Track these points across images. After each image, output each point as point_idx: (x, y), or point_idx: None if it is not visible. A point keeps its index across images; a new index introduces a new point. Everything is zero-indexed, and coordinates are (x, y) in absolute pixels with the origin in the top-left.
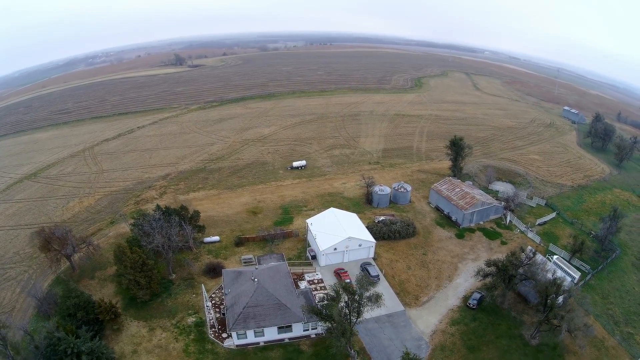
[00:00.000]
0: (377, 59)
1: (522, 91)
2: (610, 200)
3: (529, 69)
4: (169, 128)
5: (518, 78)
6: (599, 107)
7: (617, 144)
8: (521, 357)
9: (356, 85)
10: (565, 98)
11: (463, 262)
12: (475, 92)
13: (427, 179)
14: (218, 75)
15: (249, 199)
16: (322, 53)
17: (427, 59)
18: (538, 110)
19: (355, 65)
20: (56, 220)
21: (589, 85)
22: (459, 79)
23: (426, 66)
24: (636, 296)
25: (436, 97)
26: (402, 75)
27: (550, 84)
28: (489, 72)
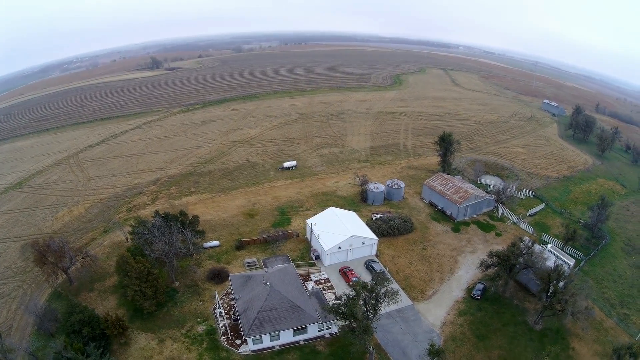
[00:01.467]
0: (354, 58)
1: (500, 85)
2: (596, 190)
3: (505, 63)
4: (154, 132)
5: (495, 72)
6: (577, 99)
7: (599, 135)
8: (528, 342)
9: (336, 84)
10: (543, 91)
11: (462, 255)
12: (454, 88)
13: (417, 175)
14: (196, 77)
15: (244, 201)
16: (299, 53)
17: (404, 56)
18: (518, 104)
19: (333, 64)
20: (46, 231)
21: (566, 77)
22: (437, 75)
23: (403, 63)
24: (628, 279)
25: (417, 93)
26: (380, 72)
27: (527, 78)
28: (466, 68)
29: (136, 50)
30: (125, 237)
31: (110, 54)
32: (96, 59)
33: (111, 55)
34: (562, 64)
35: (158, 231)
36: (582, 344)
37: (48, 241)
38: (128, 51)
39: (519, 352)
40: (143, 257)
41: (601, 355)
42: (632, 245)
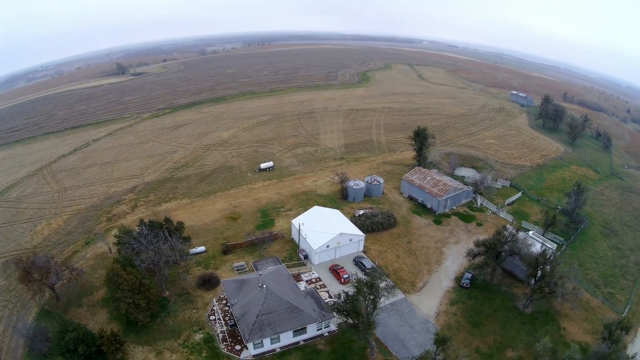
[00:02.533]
0: (320, 56)
1: (466, 78)
2: (570, 177)
3: (469, 56)
4: (126, 138)
5: (460, 66)
6: (544, 89)
7: (569, 123)
8: (520, 326)
9: (304, 83)
10: (510, 82)
11: (446, 246)
12: (421, 83)
13: (394, 170)
14: (163, 81)
15: (224, 205)
16: (263, 53)
17: (368, 52)
18: (486, 96)
19: (299, 63)
20: (26, 247)
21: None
22: (403, 70)
23: (369, 60)
24: (609, 260)
25: (385, 89)
26: (347, 70)
27: (493, 70)
28: (431, 62)
29: (100, 56)
30: (109, 248)
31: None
32: (61, 67)
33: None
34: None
35: (145, 240)
36: (572, 324)
37: (32, 257)
38: (92, 58)
39: (512, 336)
40: (133, 268)
41: (591, 332)
42: (610, 228)
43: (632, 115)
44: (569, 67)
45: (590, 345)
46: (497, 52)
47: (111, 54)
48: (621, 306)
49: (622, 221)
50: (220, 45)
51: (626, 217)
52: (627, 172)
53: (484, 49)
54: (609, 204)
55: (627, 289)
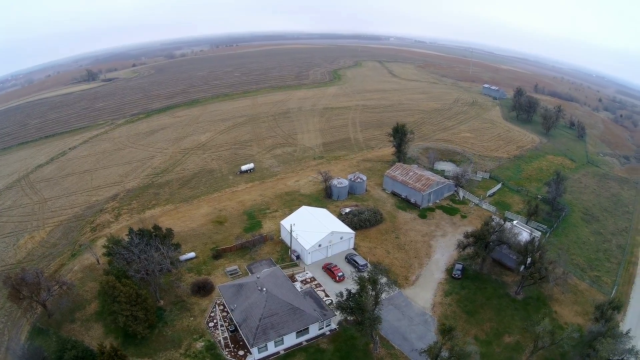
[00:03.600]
0: (289, 56)
1: (437, 73)
2: (547, 166)
3: (438, 51)
4: (102, 146)
5: (430, 61)
6: (515, 81)
7: (543, 114)
8: (513, 312)
9: (276, 83)
10: (481, 76)
11: (434, 239)
12: (393, 79)
13: (374, 167)
14: (135, 86)
15: (209, 209)
16: (232, 55)
17: (337, 51)
18: (458, 90)
19: (269, 63)
20: (10, 262)
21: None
22: (373, 67)
23: (338, 58)
24: (592, 245)
25: (357, 87)
26: (317, 69)
27: (463, 64)
28: (401, 58)
29: (69, 63)
30: (97, 259)
31: (43, 70)
32: (30, 75)
33: (45, 70)
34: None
35: (137, 249)
36: (563, 307)
37: (21, 274)
38: (61, 65)
39: (507, 322)
40: (127, 279)
41: (582, 314)
42: (590, 214)
43: (603, 104)
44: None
45: (582, 326)
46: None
47: (80, 61)
48: (608, 288)
49: (602, 207)
50: (188, 48)
51: (605, 203)
52: (602, 159)
53: (451, 43)
54: (587, 191)
55: (612, 272)
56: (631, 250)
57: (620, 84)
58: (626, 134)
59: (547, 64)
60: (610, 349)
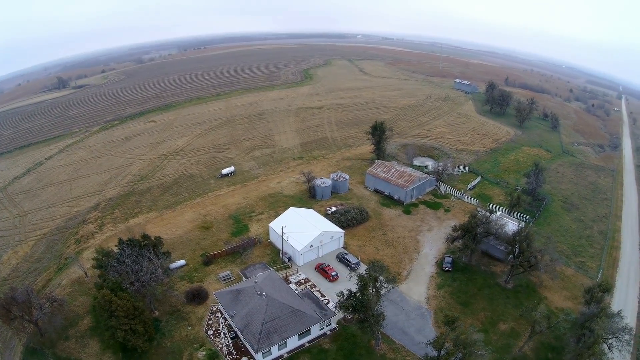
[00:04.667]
0: (259, 56)
1: (407, 70)
2: (523, 158)
3: (407, 47)
4: (79, 154)
5: (399, 58)
6: (485, 75)
7: (516, 107)
8: (505, 300)
9: (249, 85)
10: (451, 71)
11: (421, 234)
12: (364, 77)
13: (354, 166)
14: (106, 93)
15: (194, 215)
16: (201, 57)
17: (306, 50)
18: (430, 86)
19: (239, 65)
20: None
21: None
22: (343, 66)
23: (308, 57)
24: (575, 232)
25: (330, 86)
26: (288, 69)
27: (432, 60)
28: (370, 56)
29: (38, 71)
30: (84, 272)
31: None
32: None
33: (14, 79)
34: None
35: (129, 260)
36: (552, 293)
37: (11, 293)
38: (30, 74)
39: (500, 310)
40: (123, 292)
41: (571, 298)
42: (570, 203)
43: (574, 95)
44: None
45: (573, 309)
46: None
47: (49, 69)
48: (593, 272)
49: (580, 195)
50: (156, 52)
51: (583, 191)
52: (577, 149)
53: (419, 39)
54: (565, 181)
55: (596, 257)
56: (613, 236)
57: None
58: (599, 123)
59: (517, 56)
60: (605, 328)
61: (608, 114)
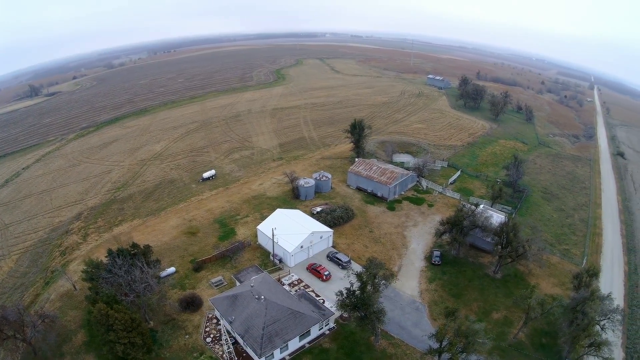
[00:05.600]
0: (230, 58)
1: (378, 67)
2: (500, 151)
3: (376, 44)
4: (56, 163)
5: (370, 55)
6: (456, 70)
7: (490, 101)
8: (495, 290)
9: (222, 87)
10: (422, 67)
11: (407, 230)
12: (336, 75)
13: (334, 164)
14: (80, 99)
15: (178, 220)
16: (172, 60)
17: (276, 50)
18: (402, 82)
19: (211, 67)
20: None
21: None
22: (315, 65)
23: (279, 57)
24: (556, 221)
25: (303, 86)
26: (260, 70)
27: (403, 56)
28: (340, 54)
29: (9, 80)
30: (73, 284)
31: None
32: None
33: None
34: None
35: (121, 270)
36: (541, 280)
37: (1, 312)
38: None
39: (492, 300)
40: (118, 304)
41: (558, 285)
42: (550, 193)
43: (546, 87)
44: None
45: (561, 295)
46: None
47: (20, 77)
48: (578, 259)
49: (559, 185)
50: (125, 56)
51: (562, 181)
52: (552, 140)
53: (388, 36)
54: (543, 172)
55: (579, 244)
56: (594, 223)
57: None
58: (573, 114)
59: (486, 50)
60: (597, 310)
61: (581, 104)
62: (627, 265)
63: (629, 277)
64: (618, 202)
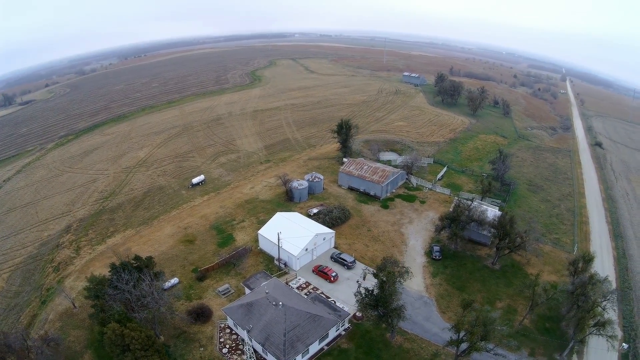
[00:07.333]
0: (202, 61)
1: (352, 66)
2: (482, 146)
3: (346, 43)
4: (38, 174)
5: (342, 54)
6: (429, 66)
7: (468, 96)
8: (497, 280)
9: (198, 90)
10: (395, 64)
11: (403, 227)
12: (311, 75)
13: (322, 165)
14: (55, 107)
15: (173, 229)
16: (144, 65)
17: (248, 52)
18: (377, 80)
19: (184, 71)
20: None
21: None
22: (289, 65)
23: (252, 59)
24: (544, 212)
25: (280, 87)
26: (234, 72)
27: (374, 54)
28: (312, 54)
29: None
30: (72, 302)
31: None
32: None
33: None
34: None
35: (128, 285)
36: (537, 269)
37: (3, 339)
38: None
39: (494, 290)
40: (130, 322)
41: (554, 272)
42: (535, 185)
43: (519, 80)
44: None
45: (558, 282)
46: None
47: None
48: (569, 247)
49: (543, 177)
50: (96, 62)
51: (545, 172)
52: (531, 133)
53: (357, 34)
54: (526, 164)
55: (568, 232)
56: (580, 212)
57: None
58: (548, 107)
59: (456, 45)
60: (599, 292)
61: (555, 96)
62: (615, 250)
63: (618, 261)
64: (601, 190)
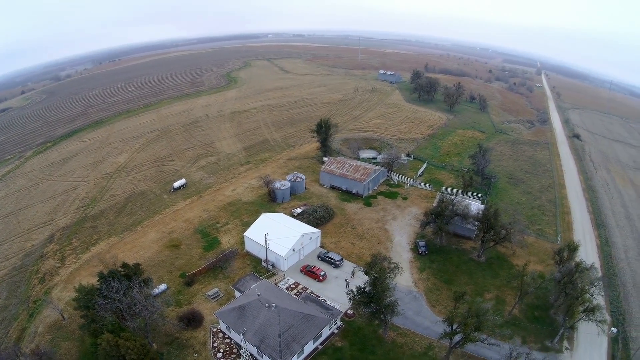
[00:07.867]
0: (177, 64)
1: (327, 65)
2: (460, 141)
3: (320, 42)
4: (18, 182)
5: (316, 53)
6: (404, 64)
7: (444, 92)
8: (482, 272)
9: (174, 93)
10: (370, 62)
11: (387, 224)
12: (287, 76)
13: (302, 165)
14: (31, 114)
15: (157, 234)
16: (119, 70)
17: (222, 53)
18: (353, 79)
19: (159, 74)
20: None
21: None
22: (264, 66)
23: (226, 61)
24: (526, 204)
25: (256, 88)
26: (210, 74)
27: (348, 53)
28: (286, 54)
29: None
30: (61, 314)
31: None
32: None
33: None
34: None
35: (118, 294)
36: (522, 260)
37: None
38: None
39: (481, 282)
40: (124, 331)
41: (539, 262)
42: (515, 178)
43: (494, 75)
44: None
45: (544, 272)
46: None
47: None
48: (553, 237)
49: (522, 170)
50: (71, 68)
51: (524, 165)
52: (508, 127)
53: (330, 33)
54: (505, 158)
55: (551, 223)
56: (561, 203)
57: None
58: (524, 100)
59: (430, 42)
60: (586, 279)
61: (531, 90)
62: (598, 238)
63: (601, 249)
64: (581, 181)
